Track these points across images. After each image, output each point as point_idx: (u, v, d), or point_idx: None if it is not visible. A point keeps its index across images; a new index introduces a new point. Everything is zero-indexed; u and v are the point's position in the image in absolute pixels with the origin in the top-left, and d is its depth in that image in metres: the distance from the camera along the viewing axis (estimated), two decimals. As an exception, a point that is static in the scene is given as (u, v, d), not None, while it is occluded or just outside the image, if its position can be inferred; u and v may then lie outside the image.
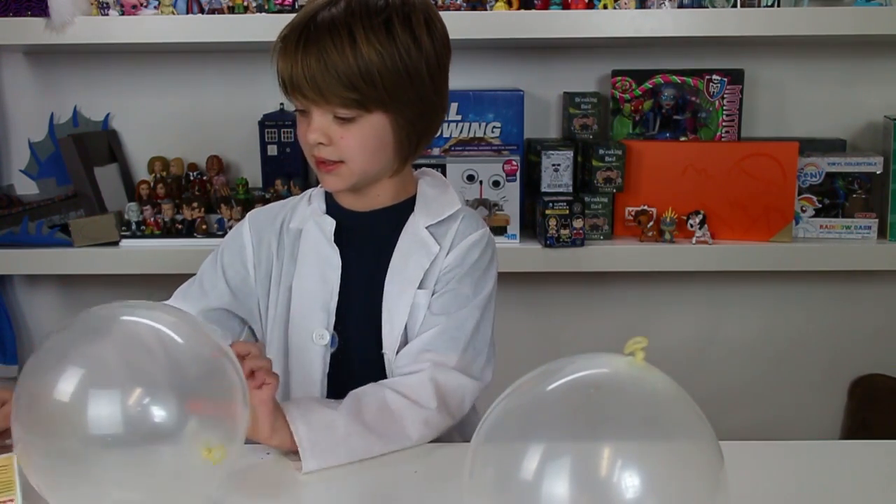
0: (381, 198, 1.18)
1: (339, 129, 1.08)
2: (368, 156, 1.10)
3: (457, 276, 1.15)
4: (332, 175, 1.12)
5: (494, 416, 0.75)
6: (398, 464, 1.05)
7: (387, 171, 1.15)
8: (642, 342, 0.72)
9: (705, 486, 0.71)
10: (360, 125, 1.08)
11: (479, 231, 1.18)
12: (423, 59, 1.09)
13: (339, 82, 1.04)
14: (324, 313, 1.17)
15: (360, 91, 1.05)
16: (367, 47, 1.04)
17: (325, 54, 1.04)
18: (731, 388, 2.03)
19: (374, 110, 1.08)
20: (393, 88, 1.07)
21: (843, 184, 1.85)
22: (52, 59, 1.98)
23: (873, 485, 0.99)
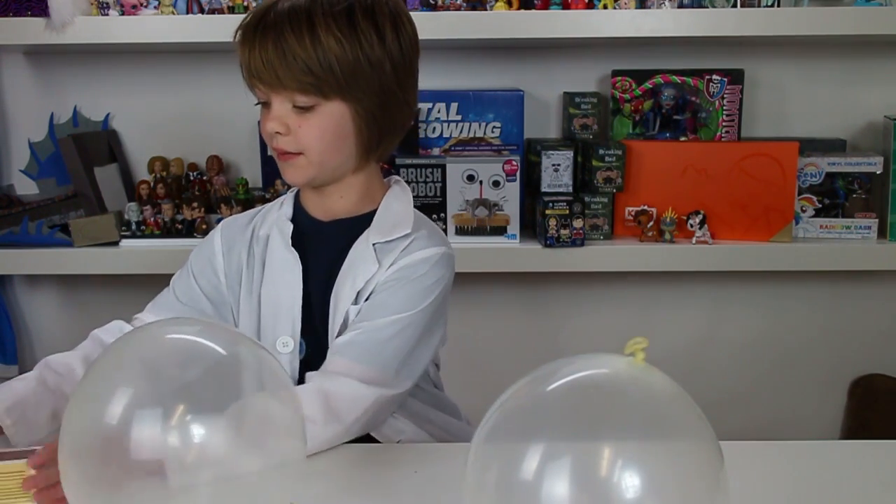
0: (344, 202, 1.16)
1: (297, 118, 1.08)
2: (327, 146, 1.09)
3: (390, 286, 1.12)
4: (291, 166, 1.11)
5: (495, 416, 0.75)
6: (398, 464, 1.05)
7: (349, 166, 1.13)
8: (642, 343, 0.72)
9: (705, 487, 0.71)
10: (318, 114, 1.08)
11: (432, 249, 1.14)
12: (385, 53, 1.08)
13: (297, 66, 1.04)
14: (288, 320, 1.15)
15: (316, 76, 1.04)
16: (326, 34, 1.04)
17: (283, 39, 1.04)
18: (731, 388, 2.03)
19: (332, 97, 1.07)
20: (351, 75, 1.06)
21: (843, 184, 1.85)
22: (52, 59, 1.98)
23: (873, 485, 0.99)
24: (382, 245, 1.14)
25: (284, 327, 1.15)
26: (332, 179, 1.14)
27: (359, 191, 1.16)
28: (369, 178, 1.17)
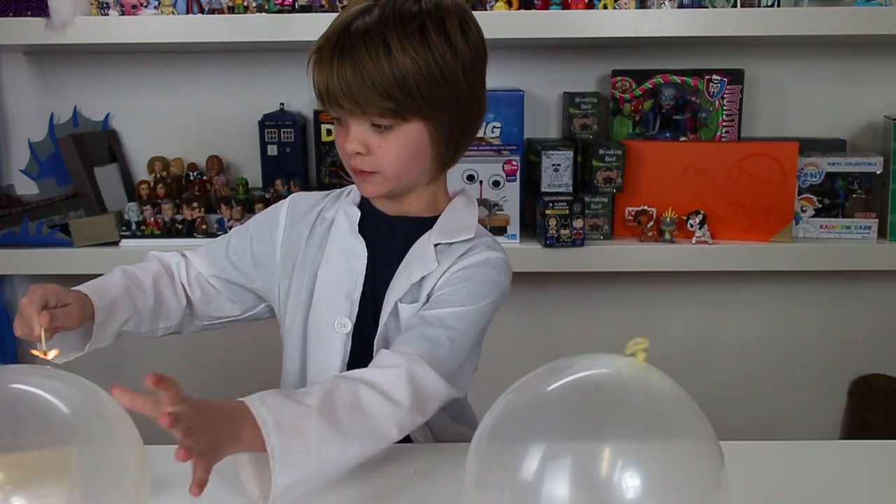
0: (414, 206, 1.17)
1: (376, 137, 1.08)
2: (405, 164, 1.10)
3: (454, 284, 1.12)
4: (368, 182, 1.12)
5: (495, 416, 0.75)
6: (398, 464, 1.05)
7: (424, 179, 1.15)
8: (643, 343, 0.72)
9: (706, 487, 0.71)
10: (397, 133, 1.08)
11: (495, 253, 1.16)
12: (458, 64, 1.08)
13: (375, 92, 1.03)
14: (347, 302, 1.16)
15: (396, 100, 1.04)
16: (402, 55, 1.03)
17: (361, 64, 1.03)
18: (731, 388, 2.03)
19: (411, 118, 1.07)
20: (429, 95, 1.06)
21: (843, 184, 1.85)
22: (52, 59, 1.98)
23: (873, 485, 0.99)
24: (444, 246, 1.14)
25: (343, 309, 1.15)
26: (406, 191, 1.15)
27: (428, 198, 1.18)
28: (437, 187, 1.19)
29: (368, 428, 0.97)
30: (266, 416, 0.91)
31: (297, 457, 0.91)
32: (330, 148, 1.87)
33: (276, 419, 0.91)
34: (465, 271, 1.13)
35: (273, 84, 1.96)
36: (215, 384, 1.93)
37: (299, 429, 0.92)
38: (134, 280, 1.18)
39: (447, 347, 1.07)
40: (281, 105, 1.93)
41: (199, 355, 2.01)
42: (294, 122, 1.90)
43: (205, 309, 1.24)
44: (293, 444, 0.91)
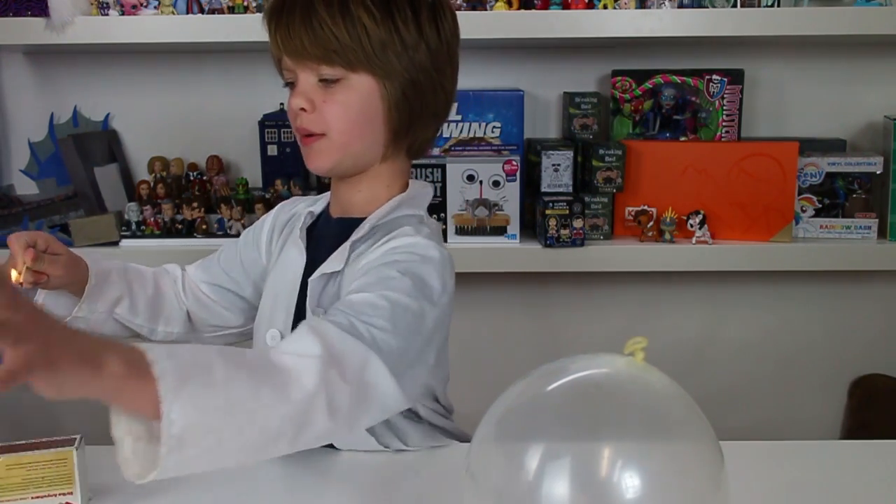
0: (362, 197, 1.09)
1: (322, 93, 1.03)
2: (352, 124, 1.03)
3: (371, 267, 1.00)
4: (314, 150, 1.05)
5: (494, 416, 0.75)
6: (398, 464, 1.05)
7: (375, 153, 1.07)
8: (642, 342, 0.72)
9: (706, 487, 0.71)
10: (344, 88, 1.02)
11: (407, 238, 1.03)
12: (421, 38, 1.03)
13: (323, 34, 0.99)
14: (282, 312, 1.10)
15: (343, 44, 0.99)
16: (357, 7, 1.00)
17: (313, 11, 1.00)
18: (730, 388, 2.03)
19: (359, 70, 1.01)
20: (381, 49, 1.01)
21: (843, 184, 1.85)
22: (52, 59, 1.98)
23: (873, 485, 0.99)
24: (361, 245, 1.06)
25: (278, 319, 1.11)
26: (356, 168, 1.07)
27: (375, 186, 1.09)
28: (392, 177, 1.10)
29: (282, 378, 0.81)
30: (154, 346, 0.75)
31: (197, 388, 0.73)
32: (330, 148, 1.87)
33: (168, 350, 0.75)
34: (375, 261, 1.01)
35: (273, 84, 1.93)
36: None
37: (199, 361, 0.76)
38: (133, 268, 1.18)
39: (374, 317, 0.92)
40: (281, 105, 1.92)
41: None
42: (294, 122, 1.90)
43: (202, 317, 1.22)
44: (191, 373, 0.74)
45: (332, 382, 0.83)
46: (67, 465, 0.91)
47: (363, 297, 0.94)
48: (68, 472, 0.91)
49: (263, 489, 0.99)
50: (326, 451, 1.13)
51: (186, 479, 1.00)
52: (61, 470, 0.91)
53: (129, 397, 0.73)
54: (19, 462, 0.91)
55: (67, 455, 0.91)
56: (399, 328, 0.93)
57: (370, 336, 0.90)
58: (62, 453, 0.91)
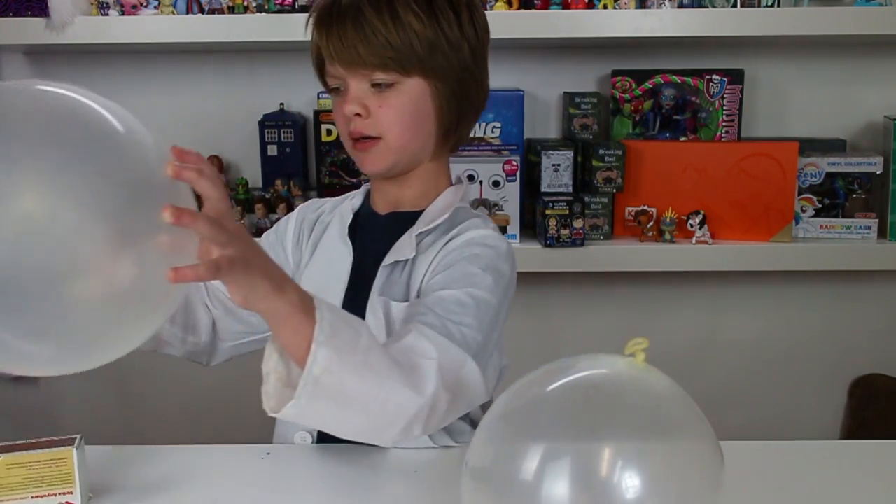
0: (411, 193, 1.12)
1: (376, 98, 1.05)
2: (406, 127, 1.06)
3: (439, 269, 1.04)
4: (370, 154, 1.07)
5: (494, 416, 0.75)
6: (398, 464, 1.05)
7: (427, 151, 1.10)
8: (643, 343, 0.72)
9: (706, 487, 0.71)
10: (397, 92, 1.05)
11: (479, 231, 1.08)
12: (462, 35, 1.07)
13: (377, 42, 1.02)
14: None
15: (397, 50, 1.02)
16: (405, 11, 1.03)
17: (363, 17, 1.02)
18: (730, 388, 2.03)
19: (412, 74, 1.04)
20: (431, 51, 1.04)
21: (843, 184, 1.85)
22: (52, 59, 1.98)
23: (873, 485, 0.99)
24: (427, 237, 1.09)
25: None
26: (409, 167, 1.10)
27: (426, 182, 1.13)
28: (439, 172, 1.14)
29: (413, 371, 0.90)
30: (320, 300, 0.84)
31: (344, 343, 0.83)
32: (330, 148, 1.87)
33: (329, 306, 0.84)
34: (453, 254, 1.05)
35: (273, 84, 1.96)
36: (218, 391, 1.93)
37: (351, 323, 0.86)
38: None
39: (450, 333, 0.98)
40: (281, 105, 1.93)
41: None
42: (294, 122, 1.90)
43: (228, 324, 1.19)
44: (343, 330, 0.84)
45: (440, 390, 0.91)
46: (67, 465, 0.91)
47: (451, 295, 1.00)
48: (68, 472, 0.91)
49: (261, 488, 0.99)
50: (327, 450, 1.13)
51: (186, 478, 1.00)
52: (61, 469, 0.91)
53: (291, 327, 0.81)
54: (19, 462, 0.91)
55: (67, 455, 0.91)
56: (483, 325, 1.00)
57: (461, 337, 0.97)
58: (62, 453, 0.91)
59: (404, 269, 1.09)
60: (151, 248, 0.69)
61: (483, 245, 1.06)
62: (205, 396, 2.00)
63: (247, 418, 1.95)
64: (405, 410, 0.89)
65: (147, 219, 0.69)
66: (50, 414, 2.10)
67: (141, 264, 0.69)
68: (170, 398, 2.04)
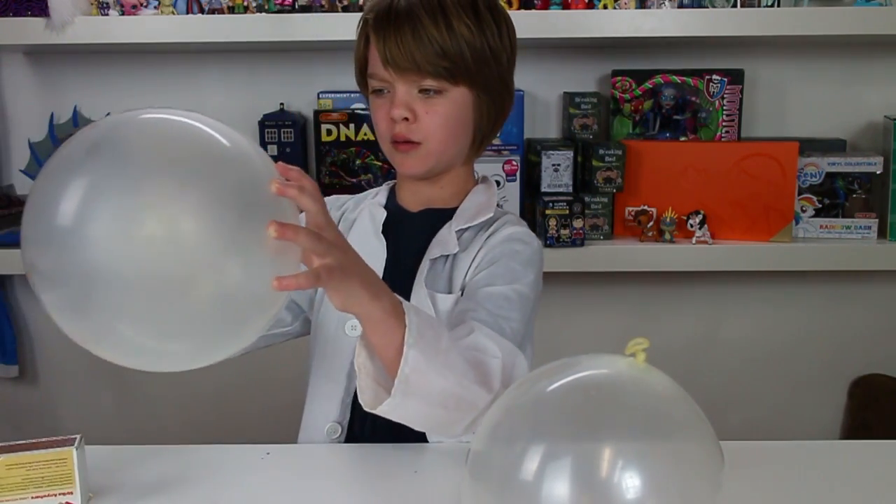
0: (442, 193, 1.17)
1: (423, 104, 1.09)
2: (449, 134, 1.11)
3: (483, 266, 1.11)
4: (411, 157, 1.11)
5: (494, 416, 0.75)
6: (398, 464, 1.05)
7: (462, 155, 1.15)
8: (643, 343, 0.72)
9: (706, 487, 0.71)
10: (444, 100, 1.09)
11: (516, 227, 1.16)
12: (503, 47, 1.12)
13: (433, 50, 1.06)
14: None
15: (450, 59, 1.07)
16: (458, 22, 1.07)
17: (420, 25, 1.06)
18: (730, 388, 2.03)
19: (459, 83, 1.09)
20: (478, 62, 1.09)
21: (843, 184, 1.85)
22: (52, 59, 1.98)
23: (873, 485, 0.99)
24: (466, 233, 1.15)
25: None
26: (444, 170, 1.15)
27: (457, 183, 1.18)
28: (468, 173, 1.20)
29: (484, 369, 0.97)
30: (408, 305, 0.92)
31: (429, 345, 0.91)
32: (330, 148, 1.87)
33: (414, 307, 0.92)
34: (495, 250, 1.12)
35: (273, 84, 1.96)
36: (218, 391, 1.93)
37: (433, 325, 0.93)
38: None
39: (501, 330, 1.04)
40: (281, 105, 1.93)
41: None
42: (294, 122, 1.90)
43: None
44: (428, 333, 0.91)
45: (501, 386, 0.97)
46: (67, 465, 0.91)
47: (499, 292, 1.07)
48: (68, 472, 0.91)
49: (261, 488, 0.99)
50: (327, 449, 1.13)
51: (186, 478, 1.00)
52: (61, 470, 0.91)
53: (383, 330, 0.89)
54: (19, 462, 0.91)
55: (67, 455, 0.91)
56: (524, 318, 1.08)
57: (511, 332, 1.04)
58: (62, 453, 0.91)
59: (446, 263, 1.14)
60: (260, 257, 0.77)
61: (522, 242, 1.14)
62: (205, 396, 2.00)
63: (247, 418, 1.95)
64: (476, 405, 0.95)
65: (256, 232, 0.77)
66: (50, 414, 2.10)
67: (251, 273, 0.77)
68: (170, 398, 2.04)
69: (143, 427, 2.05)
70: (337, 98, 1.89)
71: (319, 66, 1.95)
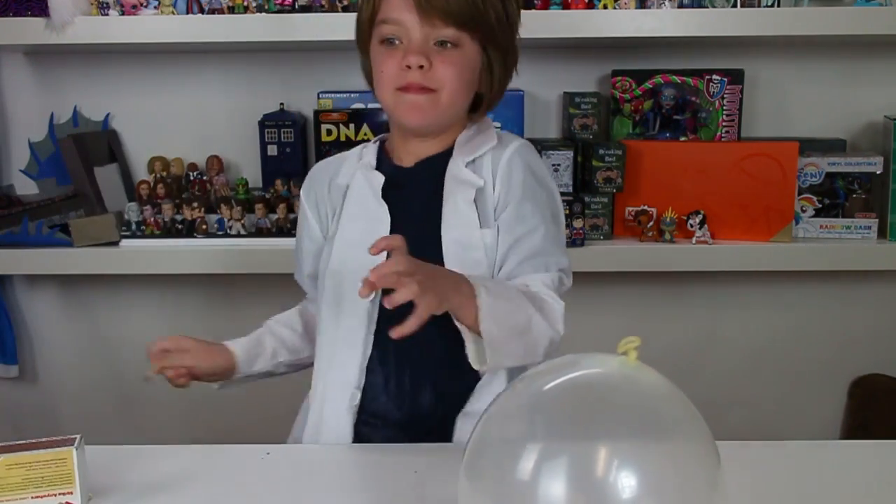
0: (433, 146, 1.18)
1: (438, 54, 1.10)
2: (462, 86, 1.12)
3: (512, 200, 1.15)
4: (420, 108, 1.12)
5: (491, 415, 0.75)
6: (398, 464, 1.05)
7: (461, 115, 1.17)
8: (635, 341, 0.72)
9: (702, 486, 0.71)
10: (460, 52, 1.11)
11: (508, 147, 1.17)
12: (517, 12, 1.16)
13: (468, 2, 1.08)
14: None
15: (479, 11, 1.09)
16: None
17: None
18: (730, 388, 2.03)
19: (475, 38, 1.11)
20: (499, 21, 1.12)
21: (843, 184, 1.85)
22: (52, 59, 1.98)
23: (873, 485, 0.99)
24: (473, 164, 1.16)
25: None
26: (444, 128, 1.17)
27: (448, 136, 1.19)
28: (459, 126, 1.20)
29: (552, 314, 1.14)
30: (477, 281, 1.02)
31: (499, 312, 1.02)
32: (330, 148, 1.87)
33: (484, 286, 1.02)
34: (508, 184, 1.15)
35: (273, 84, 1.96)
36: (218, 391, 1.93)
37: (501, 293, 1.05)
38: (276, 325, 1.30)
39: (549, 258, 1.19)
40: (281, 105, 1.93)
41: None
42: (294, 122, 1.90)
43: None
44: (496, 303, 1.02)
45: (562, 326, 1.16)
46: (67, 465, 0.91)
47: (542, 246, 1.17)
48: (68, 472, 0.91)
49: (261, 488, 0.99)
50: (327, 449, 1.13)
51: (186, 478, 1.00)
52: (61, 470, 0.91)
53: (466, 312, 1.01)
54: (19, 462, 0.91)
55: (67, 455, 0.91)
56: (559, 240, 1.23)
57: (564, 286, 1.25)
58: (62, 453, 0.91)
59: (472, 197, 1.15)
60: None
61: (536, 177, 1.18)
62: (205, 396, 1.99)
63: (247, 418, 1.95)
64: (546, 338, 1.11)
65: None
66: (50, 414, 2.10)
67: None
68: (170, 398, 2.04)
69: (143, 427, 2.05)
70: (337, 98, 1.89)
71: (319, 66, 1.95)
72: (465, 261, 1.11)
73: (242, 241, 1.81)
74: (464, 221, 1.13)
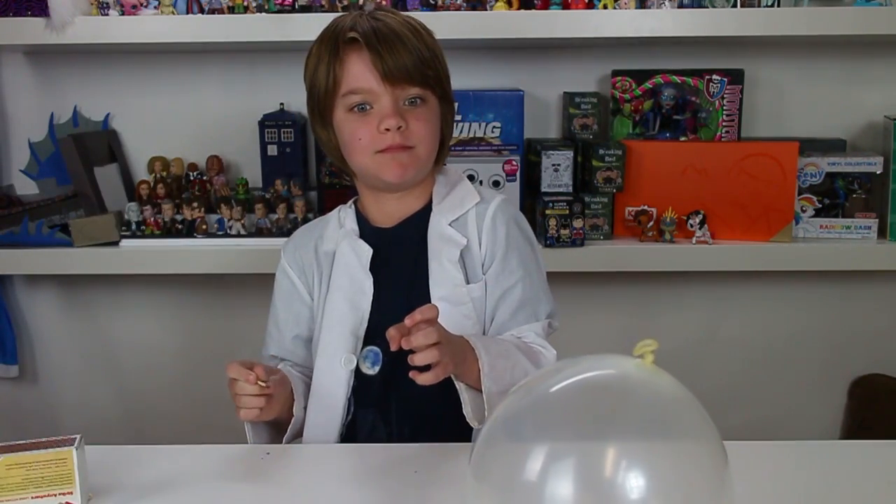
0: (403, 204, 1.23)
1: (410, 113, 1.17)
2: (432, 139, 1.19)
3: (499, 252, 1.21)
4: (402, 164, 1.16)
5: (498, 415, 0.75)
6: (398, 464, 1.05)
7: (429, 166, 1.22)
8: (652, 345, 0.71)
9: (710, 487, 0.71)
10: (425, 107, 1.18)
11: (491, 204, 1.23)
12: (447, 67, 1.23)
13: (420, 60, 1.16)
14: (352, 338, 1.19)
15: (433, 69, 1.18)
16: (428, 37, 1.19)
17: (406, 40, 1.15)
18: (730, 388, 2.03)
19: (436, 91, 1.19)
20: (444, 71, 1.21)
21: (843, 184, 1.85)
22: (52, 59, 1.98)
23: (873, 485, 0.99)
24: (456, 222, 1.22)
25: (349, 345, 1.19)
26: (420, 180, 1.22)
27: (427, 193, 1.25)
28: (431, 182, 1.26)
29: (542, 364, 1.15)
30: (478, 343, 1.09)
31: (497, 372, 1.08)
32: (330, 148, 1.87)
33: (485, 346, 1.09)
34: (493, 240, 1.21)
35: (273, 84, 1.96)
36: (218, 391, 1.93)
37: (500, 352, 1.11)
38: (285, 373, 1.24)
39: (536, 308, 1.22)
40: (281, 105, 1.92)
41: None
42: (294, 122, 1.90)
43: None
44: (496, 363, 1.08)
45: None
46: (67, 465, 0.91)
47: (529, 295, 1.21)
48: (68, 472, 0.91)
49: (261, 487, 0.99)
50: (327, 449, 1.13)
51: (186, 478, 1.00)
52: (61, 470, 0.91)
53: (468, 372, 1.08)
54: (19, 462, 0.91)
55: (67, 455, 0.91)
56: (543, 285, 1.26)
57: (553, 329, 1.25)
58: (62, 453, 0.91)
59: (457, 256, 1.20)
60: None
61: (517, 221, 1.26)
62: (205, 396, 1.99)
63: (247, 418, 1.94)
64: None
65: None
66: (50, 414, 2.10)
67: None
68: (170, 398, 2.04)
69: (143, 427, 2.05)
70: (337, 98, 1.89)
71: (319, 66, 1.95)
72: (453, 316, 1.15)
73: (242, 241, 1.81)
74: (450, 279, 1.18)
